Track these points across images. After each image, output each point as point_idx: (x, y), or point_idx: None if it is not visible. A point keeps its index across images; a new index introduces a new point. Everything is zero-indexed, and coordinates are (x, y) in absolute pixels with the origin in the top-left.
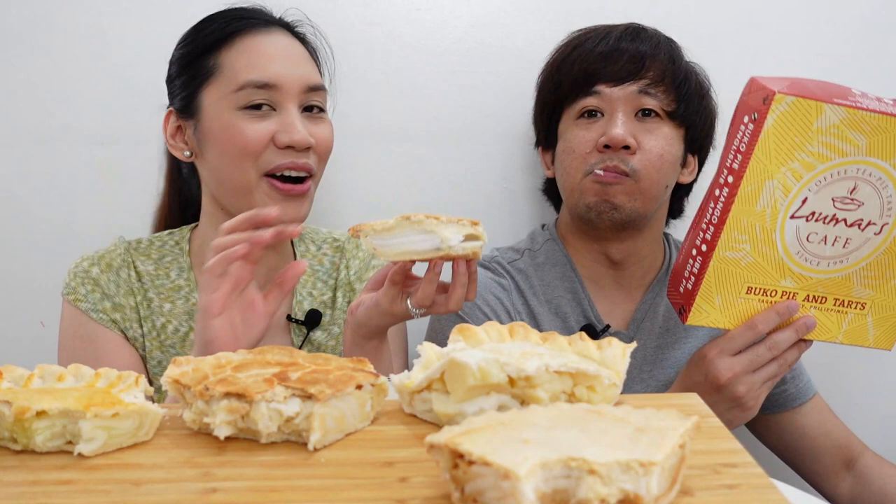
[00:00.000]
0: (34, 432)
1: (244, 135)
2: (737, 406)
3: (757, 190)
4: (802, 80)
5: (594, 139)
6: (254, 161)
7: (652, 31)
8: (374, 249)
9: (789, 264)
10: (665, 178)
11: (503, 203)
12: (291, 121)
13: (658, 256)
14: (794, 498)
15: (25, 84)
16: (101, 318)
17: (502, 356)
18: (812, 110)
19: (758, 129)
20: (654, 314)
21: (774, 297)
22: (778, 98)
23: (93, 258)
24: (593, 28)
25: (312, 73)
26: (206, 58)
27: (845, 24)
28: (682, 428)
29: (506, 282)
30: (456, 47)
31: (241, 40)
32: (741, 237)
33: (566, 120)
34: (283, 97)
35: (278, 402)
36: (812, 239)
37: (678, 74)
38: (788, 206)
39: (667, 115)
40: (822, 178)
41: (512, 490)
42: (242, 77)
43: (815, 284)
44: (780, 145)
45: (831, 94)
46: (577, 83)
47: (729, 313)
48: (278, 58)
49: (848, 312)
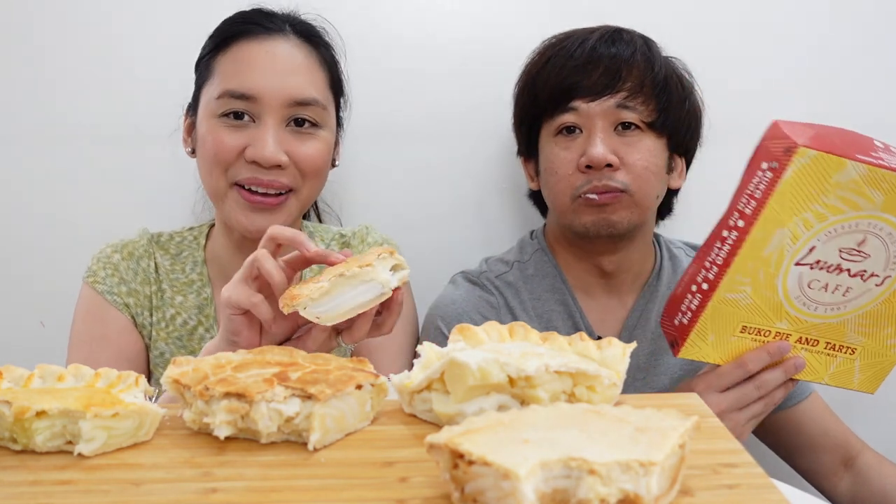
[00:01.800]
0: (34, 432)
1: (217, 143)
2: None
3: (767, 236)
4: (826, 131)
5: (575, 159)
6: (223, 170)
7: (629, 35)
8: (316, 319)
9: (787, 308)
10: (654, 189)
11: (503, 203)
12: (263, 136)
13: (648, 260)
14: (794, 498)
15: (26, 82)
16: (115, 301)
17: (502, 356)
18: (833, 165)
19: (776, 179)
20: (646, 320)
21: (768, 336)
22: (801, 151)
23: (116, 246)
24: (567, 34)
25: (303, 86)
26: (208, 59)
27: (844, 21)
28: (682, 428)
29: (494, 299)
30: (456, 47)
31: (236, 46)
32: (744, 279)
33: (545, 135)
34: (263, 109)
35: (278, 402)
36: (814, 286)
37: (657, 81)
38: (795, 253)
39: (648, 127)
40: (832, 229)
41: (512, 490)
42: (224, 84)
43: (810, 328)
44: (797, 196)
45: (854, 149)
46: (554, 98)
47: (721, 349)
48: (264, 68)
49: (837, 356)
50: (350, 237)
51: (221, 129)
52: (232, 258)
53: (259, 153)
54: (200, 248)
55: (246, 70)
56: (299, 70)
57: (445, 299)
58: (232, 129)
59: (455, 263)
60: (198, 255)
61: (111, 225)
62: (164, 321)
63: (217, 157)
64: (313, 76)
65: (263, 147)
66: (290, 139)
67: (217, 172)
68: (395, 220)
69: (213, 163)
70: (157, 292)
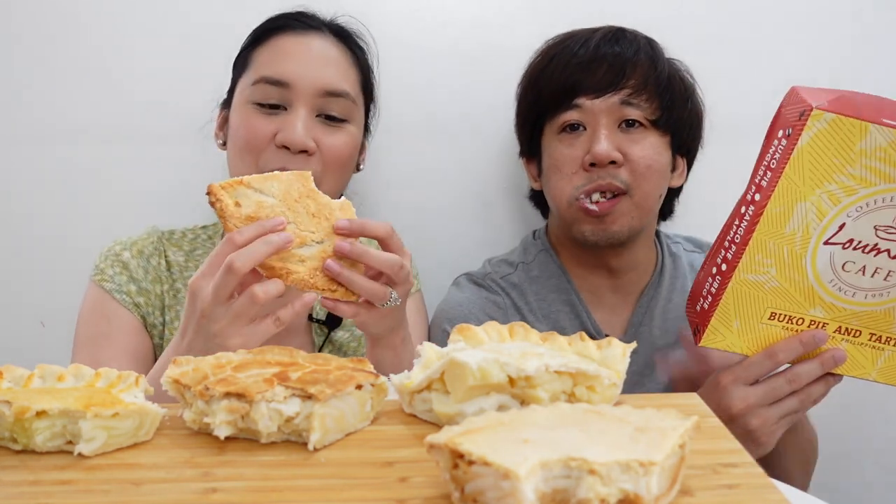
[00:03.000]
0: (34, 432)
1: (249, 129)
2: (749, 440)
3: (787, 211)
4: (849, 95)
5: (579, 157)
6: (255, 157)
7: (631, 34)
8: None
9: (820, 293)
10: (657, 189)
11: (506, 203)
12: (294, 121)
13: (651, 258)
14: (794, 498)
15: (27, 82)
16: (124, 300)
17: (502, 356)
18: (855, 130)
19: (791, 146)
20: (651, 317)
21: (801, 325)
22: (815, 114)
23: (125, 243)
24: (570, 34)
25: (335, 78)
26: (245, 53)
27: (844, 22)
28: (681, 428)
29: (501, 300)
30: (456, 48)
31: (274, 39)
32: (766, 260)
33: (548, 133)
34: (295, 97)
35: (278, 402)
36: (848, 268)
37: (661, 80)
38: (823, 231)
39: (651, 124)
40: (863, 203)
41: (512, 490)
42: (260, 72)
43: (849, 316)
44: (817, 166)
45: (881, 113)
46: (557, 96)
47: (748, 338)
48: (299, 57)
49: (885, 349)
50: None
51: (254, 115)
52: None
53: (289, 137)
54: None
55: (281, 59)
56: (332, 63)
57: (451, 302)
58: (265, 115)
59: (458, 264)
60: None
61: (113, 225)
62: (178, 320)
63: (249, 144)
64: (346, 71)
65: (293, 131)
66: (318, 128)
67: (249, 159)
68: (398, 220)
69: (244, 149)
70: (170, 290)
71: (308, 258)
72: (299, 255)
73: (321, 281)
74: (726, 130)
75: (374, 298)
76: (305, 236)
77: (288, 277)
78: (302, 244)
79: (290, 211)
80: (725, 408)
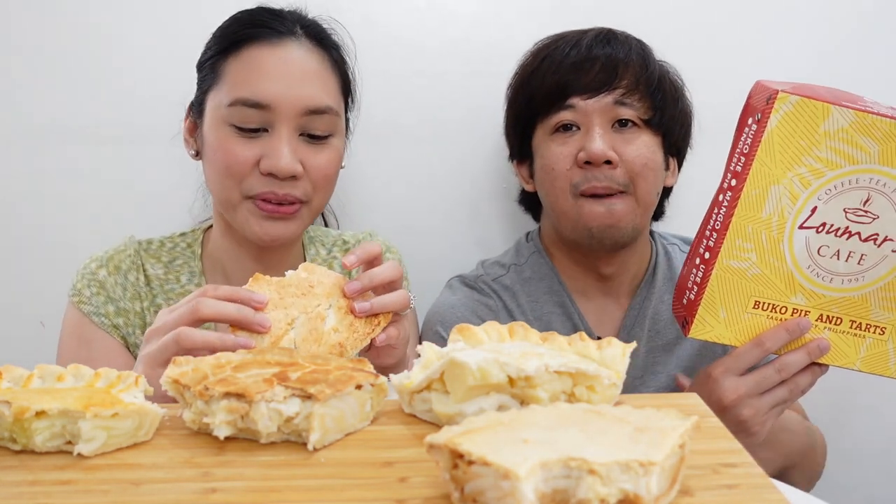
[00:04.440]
0: (34, 432)
1: (230, 155)
2: (741, 430)
3: (762, 195)
4: (810, 84)
5: (572, 154)
6: (237, 183)
7: (623, 36)
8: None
9: (799, 279)
10: (655, 186)
11: (503, 203)
12: (278, 146)
13: (644, 258)
14: (794, 498)
15: (25, 81)
16: (103, 323)
17: (502, 356)
18: (819, 112)
19: (761, 130)
20: (643, 318)
21: (784, 313)
22: (782, 97)
23: (101, 259)
24: (560, 35)
25: (317, 94)
26: (216, 61)
27: (839, 22)
28: (681, 428)
29: (492, 302)
30: (456, 47)
31: (247, 50)
32: (746, 245)
33: (540, 134)
34: (277, 118)
35: (278, 402)
36: (824, 252)
37: (652, 80)
38: (797, 214)
39: (644, 124)
40: (831, 186)
41: (512, 490)
42: (236, 92)
43: (829, 303)
44: (786, 148)
45: (840, 98)
46: (550, 96)
47: (735, 329)
48: (279, 75)
49: (866, 337)
50: (353, 244)
51: (234, 139)
52: (234, 260)
53: (275, 165)
54: (196, 258)
55: (258, 77)
56: (313, 77)
57: (444, 304)
58: (245, 139)
59: (451, 265)
60: (194, 264)
61: (112, 225)
62: None
63: (230, 170)
64: (326, 82)
65: (279, 158)
66: (303, 149)
67: (230, 185)
68: (391, 221)
69: (225, 175)
70: (150, 307)
71: (338, 326)
72: (331, 328)
73: (361, 329)
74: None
75: (402, 307)
76: (319, 312)
77: (343, 354)
78: (322, 320)
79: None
80: (717, 399)
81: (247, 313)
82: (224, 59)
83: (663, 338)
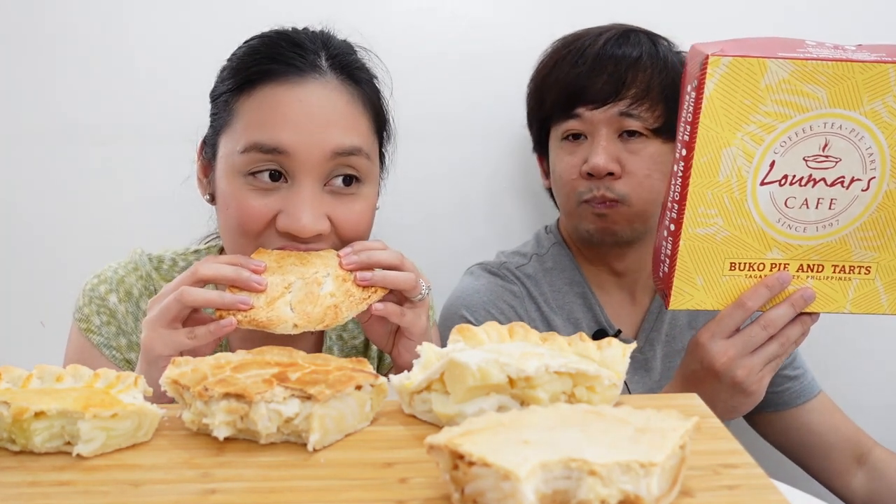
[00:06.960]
0: (33, 433)
1: (244, 210)
2: (739, 392)
3: (714, 159)
4: (745, 40)
5: (578, 165)
6: (252, 240)
7: (636, 37)
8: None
9: (772, 234)
10: (657, 195)
11: (505, 203)
12: (298, 202)
13: None
14: (794, 498)
15: (26, 82)
16: (114, 357)
17: (502, 356)
18: (755, 68)
19: (700, 97)
20: (661, 323)
21: (763, 270)
22: (713, 60)
23: (110, 281)
24: (577, 35)
25: (343, 136)
26: (229, 97)
27: (844, 24)
28: (682, 429)
29: (517, 288)
30: (457, 48)
31: (261, 89)
32: (709, 211)
33: (553, 138)
34: (297, 167)
35: (277, 402)
36: (791, 204)
37: (665, 85)
38: (755, 171)
39: (652, 133)
40: (785, 137)
41: (512, 491)
42: (249, 136)
43: (807, 252)
44: (729, 110)
45: (776, 49)
46: (559, 104)
47: (714, 293)
48: (299, 120)
49: (852, 279)
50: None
51: (247, 191)
52: None
53: (294, 224)
54: None
55: (276, 120)
56: (338, 117)
57: (468, 289)
58: (261, 191)
59: (466, 260)
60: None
61: (112, 226)
62: None
63: (244, 227)
64: (356, 122)
65: (298, 217)
66: (329, 201)
67: (244, 242)
68: (406, 217)
69: (238, 232)
70: None
71: (335, 291)
72: (328, 293)
73: (358, 294)
74: None
75: (408, 287)
76: (316, 278)
77: (338, 316)
78: (319, 285)
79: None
80: (709, 364)
81: (243, 273)
82: (237, 97)
83: (679, 343)
